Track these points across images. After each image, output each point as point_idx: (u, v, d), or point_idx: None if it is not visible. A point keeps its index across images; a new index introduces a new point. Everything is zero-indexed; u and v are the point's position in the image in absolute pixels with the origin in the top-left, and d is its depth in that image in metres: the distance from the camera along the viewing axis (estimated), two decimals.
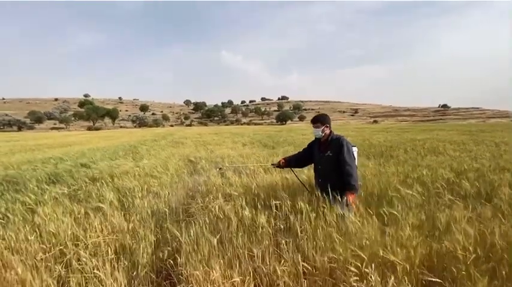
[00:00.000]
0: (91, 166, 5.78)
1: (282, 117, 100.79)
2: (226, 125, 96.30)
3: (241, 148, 10.84)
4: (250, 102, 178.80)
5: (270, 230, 2.10)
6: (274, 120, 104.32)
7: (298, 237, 1.99)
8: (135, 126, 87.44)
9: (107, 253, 1.95)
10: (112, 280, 1.68)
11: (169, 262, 1.89)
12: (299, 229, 2.05)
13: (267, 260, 1.72)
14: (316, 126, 2.83)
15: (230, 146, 11.53)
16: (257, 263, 1.69)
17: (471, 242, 1.65)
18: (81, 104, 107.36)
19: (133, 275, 1.86)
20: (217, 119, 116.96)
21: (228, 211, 2.47)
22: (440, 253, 1.66)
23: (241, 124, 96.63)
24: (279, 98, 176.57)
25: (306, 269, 1.64)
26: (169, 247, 2.08)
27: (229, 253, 1.88)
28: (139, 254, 1.96)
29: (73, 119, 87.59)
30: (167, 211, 2.86)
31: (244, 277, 1.63)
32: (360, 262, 1.55)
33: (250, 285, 1.62)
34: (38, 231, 2.33)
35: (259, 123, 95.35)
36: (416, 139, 12.58)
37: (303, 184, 3.33)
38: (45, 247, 2.07)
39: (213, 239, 1.89)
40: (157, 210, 2.87)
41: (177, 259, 1.87)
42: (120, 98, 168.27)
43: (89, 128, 77.00)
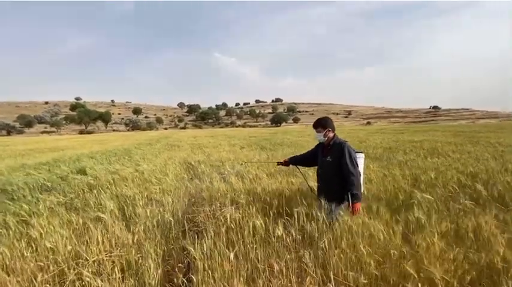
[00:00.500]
0: (87, 172, 5.54)
1: (277, 120, 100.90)
2: (221, 127, 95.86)
3: (239, 150, 10.65)
4: (245, 104, 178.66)
5: (289, 241, 1.96)
6: (269, 122, 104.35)
7: (319, 248, 1.86)
8: (129, 130, 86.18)
9: (112, 272, 1.77)
10: None
11: (182, 281, 1.72)
12: (319, 239, 1.91)
13: (291, 277, 1.57)
14: (318, 131, 2.71)
15: (227, 149, 11.34)
16: (283, 281, 1.54)
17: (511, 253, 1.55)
18: (73, 108, 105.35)
19: None
20: (212, 121, 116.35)
21: (239, 220, 2.32)
22: (479, 265, 1.55)
23: (236, 126, 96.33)
24: (273, 101, 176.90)
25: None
26: (180, 263, 1.92)
27: (247, 268, 1.73)
28: (147, 272, 1.78)
29: (64, 122, 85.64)
30: (172, 220, 2.69)
31: None
32: (396, 277, 1.42)
33: None
34: (33, 246, 2.13)
35: (254, 126, 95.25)
36: (414, 140, 12.62)
37: (309, 186, 3.23)
38: (42, 264, 1.87)
39: (230, 254, 1.74)
40: (162, 220, 2.69)
41: (190, 276, 1.70)
42: (112, 101, 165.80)
43: (81, 132, 75.54)
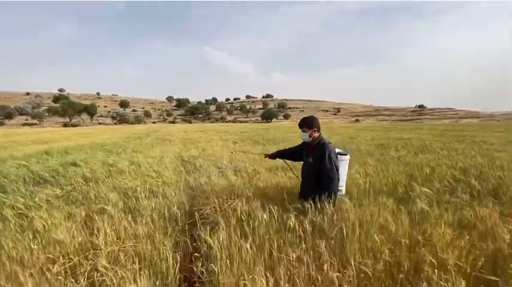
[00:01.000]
0: (80, 164, 5.38)
1: (267, 115, 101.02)
2: (211, 122, 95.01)
3: (232, 145, 10.62)
4: (235, 99, 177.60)
5: (301, 232, 1.99)
6: (259, 118, 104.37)
7: (332, 238, 1.90)
8: (115, 123, 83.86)
9: (126, 263, 1.74)
10: None
11: (200, 270, 1.72)
12: (331, 229, 1.96)
13: (311, 265, 1.60)
14: (303, 131, 2.61)
15: (220, 143, 11.28)
16: (303, 269, 1.57)
17: None
18: (56, 99, 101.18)
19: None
20: (202, 116, 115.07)
21: (249, 212, 2.34)
22: (487, 252, 1.64)
23: (226, 122, 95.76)
24: (264, 96, 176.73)
25: (364, 274, 1.55)
26: (197, 252, 1.91)
27: (264, 258, 1.75)
28: (164, 262, 1.77)
29: (47, 114, 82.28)
30: (179, 212, 2.68)
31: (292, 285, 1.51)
32: (412, 264, 1.48)
33: None
34: (39, 238, 2.07)
35: (245, 121, 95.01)
36: (403, 138, 13.00)
37: (300, 180, 3.27)
38: (51, 256, 1.82)
39: (246, 244, 1.75)
40: (169, 212, 2.67)
41: (209, 265, 1.71)
42: (98, 93, 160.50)
43: (65, 125, 72.82)
